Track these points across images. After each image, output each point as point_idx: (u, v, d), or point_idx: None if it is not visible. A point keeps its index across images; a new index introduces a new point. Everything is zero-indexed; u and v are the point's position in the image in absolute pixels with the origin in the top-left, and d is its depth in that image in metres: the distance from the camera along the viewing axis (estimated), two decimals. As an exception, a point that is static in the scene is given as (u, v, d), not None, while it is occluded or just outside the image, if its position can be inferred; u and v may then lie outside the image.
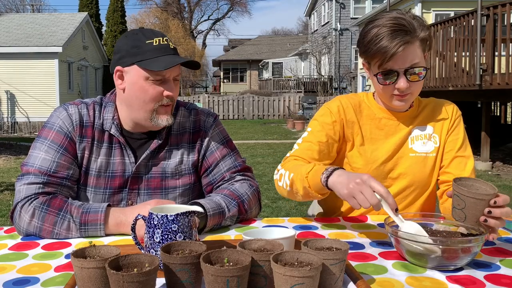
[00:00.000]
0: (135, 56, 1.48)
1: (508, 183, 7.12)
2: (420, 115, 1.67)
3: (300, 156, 1.61)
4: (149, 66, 1.46)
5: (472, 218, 1.21)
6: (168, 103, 1.53)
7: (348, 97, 1.70)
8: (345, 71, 27.29)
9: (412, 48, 1.47)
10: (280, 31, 63.34)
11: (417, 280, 1.09)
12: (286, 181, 1.51)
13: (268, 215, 5.14)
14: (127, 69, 1.50)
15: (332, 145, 1.64)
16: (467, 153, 1.64)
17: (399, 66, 1.48)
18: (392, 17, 1.47)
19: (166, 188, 1.60)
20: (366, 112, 1.67)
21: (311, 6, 32.81)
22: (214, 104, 21.92)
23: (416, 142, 1.64)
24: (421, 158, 1.64)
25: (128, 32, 1.58)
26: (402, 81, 1.49)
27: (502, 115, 11.47)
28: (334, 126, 1.64)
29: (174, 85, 1.54)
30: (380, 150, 1.64)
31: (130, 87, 1.51)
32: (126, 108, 1.56)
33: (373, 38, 1.47)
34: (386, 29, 1.45)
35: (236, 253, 0.98)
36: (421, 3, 15.46)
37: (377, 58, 1.48)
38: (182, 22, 44.02)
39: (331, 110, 1.65)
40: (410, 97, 1.56)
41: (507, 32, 7.24)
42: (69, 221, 1.40)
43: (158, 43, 1.49)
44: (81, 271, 0.95)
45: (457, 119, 1.67)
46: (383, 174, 1.64)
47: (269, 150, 11.03)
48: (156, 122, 1.53)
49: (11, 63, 18.98)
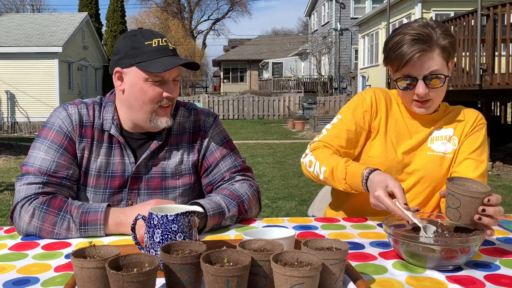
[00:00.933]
0: (134, 57, 1.48)
1: (508, 183, 7.12)
2: (443, 118, 1.70)
3: (328, 143, 1.66)
4: (148, 68, 1.46)
5: (466, 217, 1.22)
6: (167, 104, 1.53)
7: (382, 90, 1.75)
8: (345, 71, 27.29)
9: (431, 55, 1.51)
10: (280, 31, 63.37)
11: (417, 280, 1.09)
12: (317, 170, 1.58)
13: (268, 215, 5.13)
14: (126, 70, 1.50)
15: (361, 133, 1.69)
16: (481, 158, 1.64)
17: (417, 72, 1.52)
18: (416, 26, 1.53)
19: (166, 188, 1.60)
20: (395, 107, 1.71)
21: (311, 6, 32.80)
22: (214, 104, 21.92)
23: (436, 142, 1.67)
24: (438, 158, 1.65)
25: (127, 33, 1.57)
26: (421, 87, 1.53)
27: (502, 115, 11.46)
28: (364, 116, 1.68)
29: (173, 86, 1.53)
30: (400, 144, 1.67)
31: (130, 88, 1.51)
32: (125, 109, 1.56)
33: (394, 45, 1.53)
34: (407, 37, 1.50)
35: (236, 253, 0.98)
36: (421, 3, 15.46)
37: (396, 64, 1.54)
38: (182, 22, 44.02)
39: (365, 99, 1.70)
40: (432, 104, 1.59)
41: (507, 32, 7.24)
42: (69, 221, 1.40)
43: (157, 44, 1.48)
44: (81, 271, 0.95)
45: (479, 126, 1.68)
46: (398, 167, 1.66)
47: (269, 150, 11.03)
48: (155, 123, 1.53)
49: (11, 63, 18.97)
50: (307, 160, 1.64)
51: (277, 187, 6.89)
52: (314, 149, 1.66)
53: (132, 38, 1.51)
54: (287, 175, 7.85)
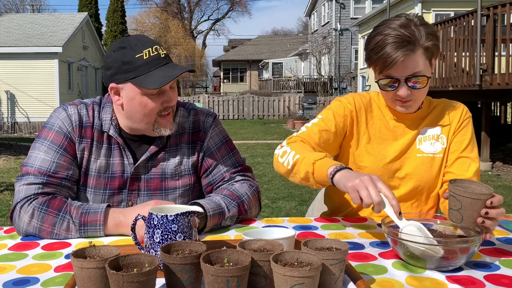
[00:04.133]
0: (127, 73, 1.45)
1: (508, 183, 7.12)
2: (429, 116, 1.67)
3: (307, 139, 1.62)
4: (144, 84, 1.43)
5: (469, 219, 1.21)
6: (168, 112, 1.52)
7: (361, 95, 1.72)
8: (345, 71, 27.29)
9: (414, 57, 1.46)
10: (280, 31, 63.36)
11: (417, 280, 1.09)
12: (289, 160, 1.51)
13: (268, 215, 5.13)
14: (121, 86, 1.48)
15: (339, 136, 1.66)
16: (472, 155, 1.63)
17: (400, 74, 1.49)
18: (397, 25, 1.47)
19: (166, 189, 1.60)
20: (376, 112, 1.68)
21: (311, 6, 32.80)
22: (214, 104, 21.92)
23: (424, 143, 1.65)
24: (428, 159, 1.64)
25: (114, 44, 1.51)
26: (403, 89, 1.50)
27: (502, 115, 11.46)
28: (344, 120, 1.66)
29: (171, 93, 1.51)
30: (388, 149, 1.65)
31: (128, 102, 1.49)
32: (126, 120, 1.54)
33: (375, 47, 1.48)
34: (389, 38, 1.45)
35: (236, 253, 0.98)
36: (421, 3, 15.45)
37: (379, 66, 1.50)
38: (182, 22, 44.02)
39: (345, 105, 1.68)
40: (413, 103, 1.57)
41: (507, 32, 7.24)
42: (69, 221, 1.40)
43: (148, 55, 1.44)
44: (81, 271, 0.95)
45: (466, 121, 1.67)
46: (390, 173, 1.64)
47: (269, 150, 11.03)
48: (159, 132, 1.53)
49: (11, 63, 18.97)
50: (281, 151, 1.58)
51: (277, 187, 6.89)
52: (291, 142, 1.61)
53: (122, 51, 1.46)
54: (287, 175, 7.83)
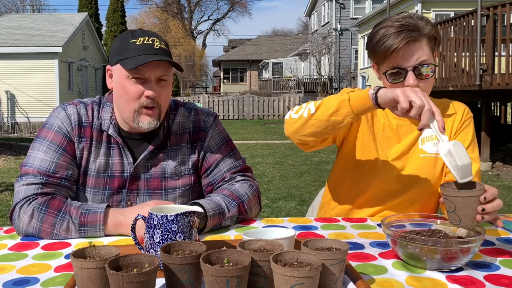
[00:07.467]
0: (119, 55, 1.49)
1: (508, 183, 7.12)
2: None
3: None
4: (125, 65, 1.46)
5: (466, 219, 1.20)
6: (150, 105, 1.48)
7: None
8: (345, 71, 27.29)
9: (419, 45, 1.47)
10: (280, 31, 63.33)
11: (417, 280, 1.09)
12: (309, 107, 1.45)
13: (268, 215, 5.13)
14: (113, 68, 1.52)
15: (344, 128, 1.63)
16: (473, 156, 1.63)
17: (406, 63, 1.47)
18: (399, 17, 1.50)
19: (165, 189, 1.60)
20: (379, 111, 1.67)
21: (311, 6, 32.80)
22: (214, 104, 21.92)
23: (427, 143, 1.65)
24: (431, 159, 1.64)
25: (123, 32, 1.60)
26: (411, 78, 1.47)
27: (502, 115, 11.47)
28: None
29: (158, 86, 1.49)
30: (390, 148, 1.65)
31: (115, 85, 1.52)
32: (116, 108, 1.56)
33: (380, 38, 1.48)
34: (392, 28, 1.46)
35: (236, 253, 0.98)
36: (421, 3, 15.45)
37: (382, 54, 1.48)
38: (182, 22, 44.01)
39: None
40: None
41: (507, 32, 7.24)
42: (68, 222, 1.39)
43: (141, 42, 1.47)
44: (81, 271, 0.95)
45: (467, 121, 1.67)
46: (392, 172, 1.64)
47: (269, 150, 11.03)
48: (137, 123, 1.50)
49: (11, 63, 18.97)
50: (295, 109, 1.51)
51: (277, 187, 6.89)
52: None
53: (123, 37, 1.52)
54: (287, 175, 7.85)
